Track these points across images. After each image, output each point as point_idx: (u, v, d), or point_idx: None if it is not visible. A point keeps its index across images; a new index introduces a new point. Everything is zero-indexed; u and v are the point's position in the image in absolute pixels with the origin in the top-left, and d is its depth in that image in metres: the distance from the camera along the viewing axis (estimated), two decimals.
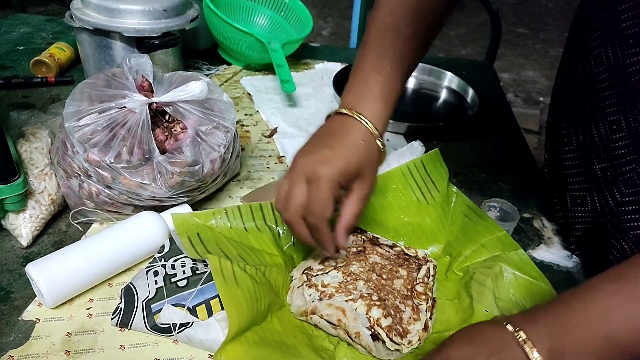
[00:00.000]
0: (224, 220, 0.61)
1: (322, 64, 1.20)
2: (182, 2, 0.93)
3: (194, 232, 0.58)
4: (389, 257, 0.62)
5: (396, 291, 0.58)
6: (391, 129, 0.95)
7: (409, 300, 0.57)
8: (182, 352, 0.53)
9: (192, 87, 0.65)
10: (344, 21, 3.74)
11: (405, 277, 0.60)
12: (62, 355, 0.52)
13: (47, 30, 1.25)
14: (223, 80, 1.09)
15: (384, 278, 0.59)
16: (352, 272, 0.59)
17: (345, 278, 0.58)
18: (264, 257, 0.60)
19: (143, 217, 0.63)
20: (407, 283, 0.59)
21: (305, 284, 0.57)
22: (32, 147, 0.68)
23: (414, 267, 0.61)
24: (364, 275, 0.58)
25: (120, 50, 0.90)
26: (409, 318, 0.55)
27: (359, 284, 0.57)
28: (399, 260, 0.62)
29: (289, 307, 0.58)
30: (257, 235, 0.61)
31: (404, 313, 0.56)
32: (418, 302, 0.57)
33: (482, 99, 1.04)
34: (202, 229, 0.59)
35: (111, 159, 0.62)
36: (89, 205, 0.66)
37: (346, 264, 0.60)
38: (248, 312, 0.51)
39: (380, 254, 0.62)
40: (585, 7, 0.71)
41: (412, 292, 0.58)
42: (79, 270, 0.57)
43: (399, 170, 0.70)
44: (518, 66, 3.41)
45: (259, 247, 0.60)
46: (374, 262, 0.61)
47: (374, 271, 0.59)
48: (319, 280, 0.57)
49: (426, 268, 0.61)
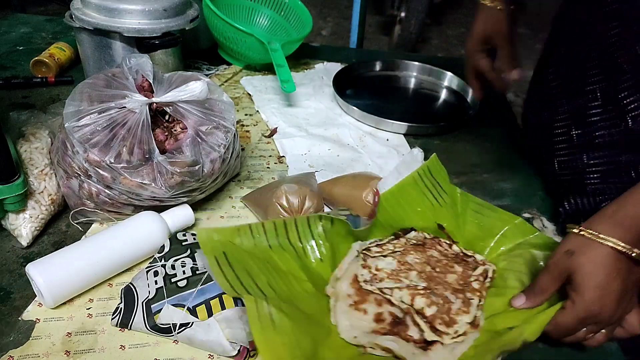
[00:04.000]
0: (248, 238, 0.59)
1: (322, 64, 1.20)
2: (182, 2, 0.93)
3: (220, 250, 0.55)
4: (446, 255, 0.63)
5: (448, 284, 0.59)
6: (391, 129, 0.95)
7: (460, 293, 0.58)
8: (183, 352, 0.53)
9: (192, 87, 0.65)
10: (343, 21, 3.74)
11: (460, 273, 0.60)
12: (62, 355, 0.52)
13: (47, 30, 1.25)
14: (223, 80, 1.09)
15: (437, 271, 0.60)
16: (407, 262, 0.60)
17: (399, 266, 0.59)
18: (292, 283, 0.58)
19: (143, 217, 0.63)
20: (461, 278, 0.60)
21: (360, 263, 0.58)
22: (32, 147, 0.68)
23: (471, 267, 0.62)
24: (418, 266, 0.60)
25: (120, 50, 0.89)
26: (458, 309, 0.56)
27: (412, 273, 0.58)
28: (457, 258, 0.63)
29: (336, 329, 0.56)
30: (281, 254, 0.59)
31: (453, 304, 0.56)
32: (470, 296, 0.58)
33: (482, 98, 1.04)
34: (228, 247, 0.56)
35: (111, 159, 0.62)
36: (89, 205, 0.66)
37: (403, 253, 0.61)
38: (290, 358, 0.49)
39: (439, 251, 0.63)
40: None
41: (465, 286, 0.59)
42: (79, 270, 0.57)
43: (411, 178, 0.70)
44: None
45: (284, 268, 0.59)
46: (431, 255, 0.62)
47: (428, 264, 0.60)
48: (374, 263, 0.59)
49: (483, 269, 0.62)
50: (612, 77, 0.65)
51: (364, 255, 0.60)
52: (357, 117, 0.98)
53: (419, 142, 0.93)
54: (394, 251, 0.61)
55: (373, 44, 3.45)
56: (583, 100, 0.69)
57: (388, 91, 1.13)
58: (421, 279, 0.58)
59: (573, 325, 0.53)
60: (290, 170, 0.83)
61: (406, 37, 3.17)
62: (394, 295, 0.56)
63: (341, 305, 0.56)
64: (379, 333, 0.54)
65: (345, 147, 0.90)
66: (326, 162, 0.86)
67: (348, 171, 0.81)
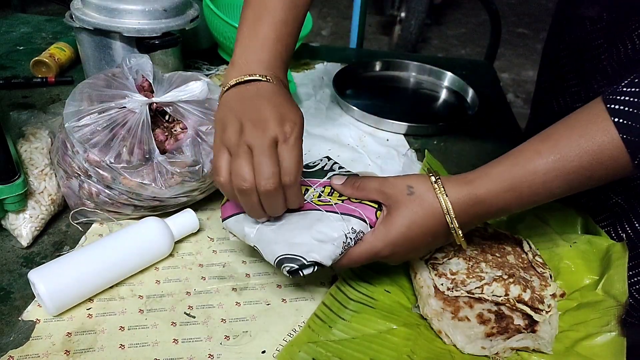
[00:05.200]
0: (322, 327, 0.55)
1: (322, 64, 1.20)
2: (182, 2, 0.93)
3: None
4: (486, 237, 0.64)
5: (514, 265, 0.59)
6: (391, 129, 0.95)
7: (530, 270, 0.59)
8: (182, 352, 0.53)
9: (192, 87, 0.65)
10: (343, 21, 3.74)
11: (512, 252, 0.61)
12: (62, 355, 0.52)
13: (47, 30, 1.25)
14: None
15: (498, 256, 0.60)
16: (470, 257, 0.60)
17: (467, 263, 0.59)
18: (388, 340, 0.55)
19: (147, 224, 0.62)
20: (518, 257, 0.61)
21: (434, 274, 0.58)
22: (32, 147, 0.68)
23: (512, 244, 0.63)
24: (481, 257, 0.60)
25: (120, 50, 0.90)
26: (540, 285, 0.58)
27: (482, 265, 0.59)
28: (497, 239, 0.64)
29: (455, 348, 0.55)
30: (359, 319, 0.57)
31: (533, 282, 0.58)
32: (542, 271, 0.59)
33: (482, 99, 1.04)
34: (312, 351, 0.53)
35: (111, 159, 0.62)
36: (89, 205, 0.66)
37: (459, 248, 0.60)
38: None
39: (479, 235, 0.64)
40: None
41: (527, 263, 0.60)
42: (82, 279, 0.56)
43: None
44: (518, 66, 3.40)
45: (372, 330, 0.56)
46: (480, 242, 0.62)
47: (485, 252, 0.61)
48: (446, 269, 0.59)
49: (526, 242, 0.63)
50: (613, 80, 0.65)
51: (432, 265, 0.60)
52: (357, 117, 0.98)
53: (419, 142, 0.93)
54: (454, 250, 0.61)
55: (373, 44, 3.45)
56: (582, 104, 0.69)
57: (388, 91, 1.13)
58: (493, 268, 0.59)
59: (363, 259, 0.53)
60: None
61: (406, 37, 3.17)
62: (485, 292, 0.57)
63: (446, 321, 0.56)
64: (494, 335, 0.54)
65: (345, 147, 0.90)
66: None
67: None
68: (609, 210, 0.68)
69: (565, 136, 0.49)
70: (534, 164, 0.49)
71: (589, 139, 0.47)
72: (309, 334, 0.54)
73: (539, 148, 0.50)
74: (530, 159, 0.50)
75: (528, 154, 0.50)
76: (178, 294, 0.60)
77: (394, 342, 0.55)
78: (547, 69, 0.82)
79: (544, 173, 0.49)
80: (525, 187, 0.49)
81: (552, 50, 0.80)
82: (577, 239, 0.64)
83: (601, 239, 0.63)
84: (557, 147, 0.49)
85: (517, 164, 0.50)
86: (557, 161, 0.48)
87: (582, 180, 0.49)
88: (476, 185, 0.51)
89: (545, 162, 0.49)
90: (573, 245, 0.63)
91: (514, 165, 0.50)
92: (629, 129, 0.46)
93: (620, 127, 0.46)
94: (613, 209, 0.67)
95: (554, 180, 0.49)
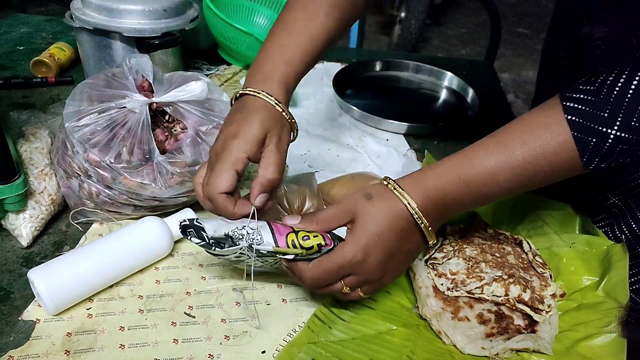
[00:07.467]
0: (322, 328, 0.55)
1: (322, 64, 1.19)
2: (182, 2, 0.93)
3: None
4: (486, 238, 0.64)
5: (514, 265, 0.60)
6: (391, 129, 0.95)
7: (530, 270, 0.60)
8: (182, 352, 0.53)
9: (192, 87, 0.65)
10: None
11: (512, 252, 0.62)
12: (62, 355, 0.52)
13: (47, 30, 1.25)
14: (223, 80, 1.09)
15: (498, 256, 0.60)
16: (470, 257, 0.60)
17: (467, 263, 0.59)
18: (387, 340, 0.55)
19: (147, 223, 0.62)
20: (518, 257, 0.61)
21: (434, 274, 0.58)
22: (32, 147, 0.68)
23: (512, 244, 0.64)
24: (481, 257, 0.60)
25: (120, 50, 0.90)
26: (540, 285, 0.58)
27: (482, 266, 0.59)
28: (497, 239, 0.64)
29: (454, 349, 0.55)
30: (358, 319, 0.57)
31: (533, 282, 0.58)
32: (542, 271, 0.60)
33: (482, 99, 1.04)
34: (312, 351, 0.53)
35: (111, 159, 0.62)
36: (89, 205, 0.66)
37: (459, 248, 0.61)
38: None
39: (478, 236, 0.64)
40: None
41: (527, 263, 0.61)
42: (81, 278, 0.56)
43: None
44: (518, 66, 3.40)
45: (371, 331, 0.56)
46: (479, 243, 0.62)
47: (485, 252, 0.61)
48: (446, 269, 0.59)
49: (526, 242, 0.63)
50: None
51: (432, 265, 0.60)
52: (357, 117, 0.98)
53: (419, 142, 0.93)
54: (453, 250, 0.61)
55: (373, 44, 3.45)
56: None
57: (388, 91, 1.13)
58: (493, 268, 0.59)
59: (336, 268, 0.51)
60: (289, 170, 0.83)
61: (406, 37, 3.17)
62: (485, 292, 0.57)
63: (446, 322, 0.55)
64: (494, 335, 0.54)
65: (345, 147, 0.90)
66: (326, 162, 0.86)
67: (348, 171, 0.81)
68: (606, 210, 0.68)
69: (512, 132, 0.52)
70: (481, 158, 0.51)
71: (535, 135, 0.50)
72: (309, 335, 0.55)
73: (488, 142, 0.52)
74: (477, 152, 0.52)
75: (477, 148, 0.53)
76: (178, 294, 0.60)
77: (393, 343, 0.55)
78: (547, 69, 0.82)
79: (491, 166, 0.51)
80: (473, 179, 0.51)
81: (551, 50, 0.80)
82: (575, 239, 0.64)
83: (600, 239, 0.63)
84: (503, 141, 0.51)
85: (465, 157, 0.53)
86: (502, 154, 0.50)
87: (530, 175, 0.51)
88: (428, 176, 0.53)
89: (492, 155, 0.51)
90: (572, 246, 0.63)
91: (462, 159, 0.53)
92: (581, 126, 0.48)
93: (572, 124, 0.48)
94: (610, 209, 0.67)
95: (500, 173, 0.51)
